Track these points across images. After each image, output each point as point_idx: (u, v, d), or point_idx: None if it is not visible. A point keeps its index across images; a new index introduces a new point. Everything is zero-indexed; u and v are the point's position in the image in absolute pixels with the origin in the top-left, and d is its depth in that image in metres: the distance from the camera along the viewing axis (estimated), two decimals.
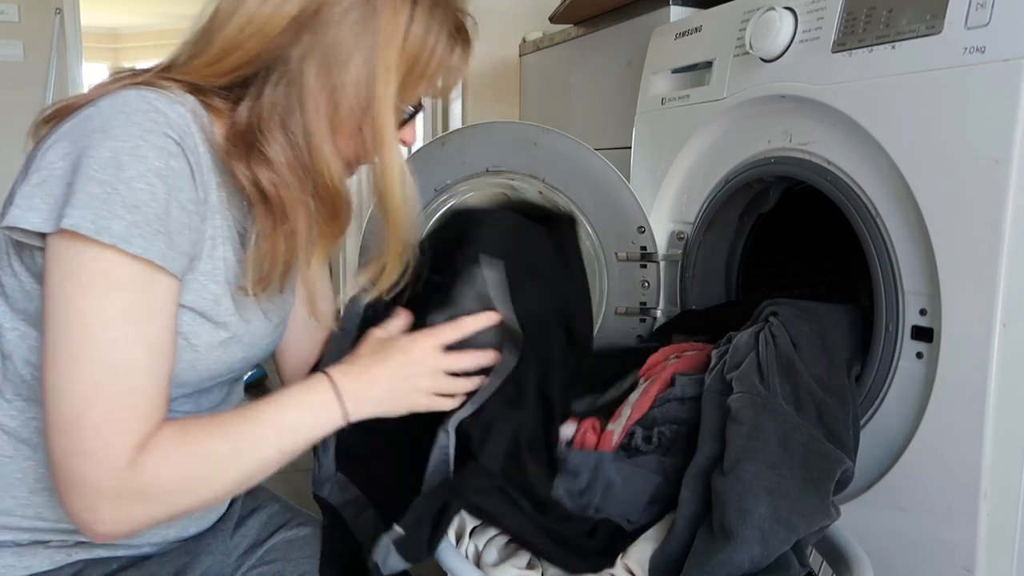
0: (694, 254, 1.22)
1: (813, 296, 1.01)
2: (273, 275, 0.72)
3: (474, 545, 0.80)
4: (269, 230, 0.70)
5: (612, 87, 1.59)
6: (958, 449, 0.82)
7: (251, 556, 0.84)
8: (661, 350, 1.01)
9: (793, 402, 0.82)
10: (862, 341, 0.95)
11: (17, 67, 3.56)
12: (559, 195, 1.21)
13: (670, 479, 0.82)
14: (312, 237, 0.72)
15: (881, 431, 0.91)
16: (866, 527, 0.88)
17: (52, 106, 0.69)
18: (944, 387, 0.83)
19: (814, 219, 1.34)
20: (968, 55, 0.79)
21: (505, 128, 1.24)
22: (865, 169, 0.92)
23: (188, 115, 0.65)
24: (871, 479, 0.91)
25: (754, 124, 1.10)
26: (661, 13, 1.40)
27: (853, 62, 0.92)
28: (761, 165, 1.08)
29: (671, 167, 1.24)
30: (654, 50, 1.32)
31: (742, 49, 1.09)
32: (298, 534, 0.87)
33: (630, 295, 1.23)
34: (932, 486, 0.85)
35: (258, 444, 0.68)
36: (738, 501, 0.72)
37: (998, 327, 0.78)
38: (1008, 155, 0.76)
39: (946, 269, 0.82)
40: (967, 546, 0.81)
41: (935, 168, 0.83)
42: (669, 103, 1.26)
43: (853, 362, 0.94)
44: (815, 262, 1.40)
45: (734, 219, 1.23)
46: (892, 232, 0.89)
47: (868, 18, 0.91)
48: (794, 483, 0.74)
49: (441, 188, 1.26)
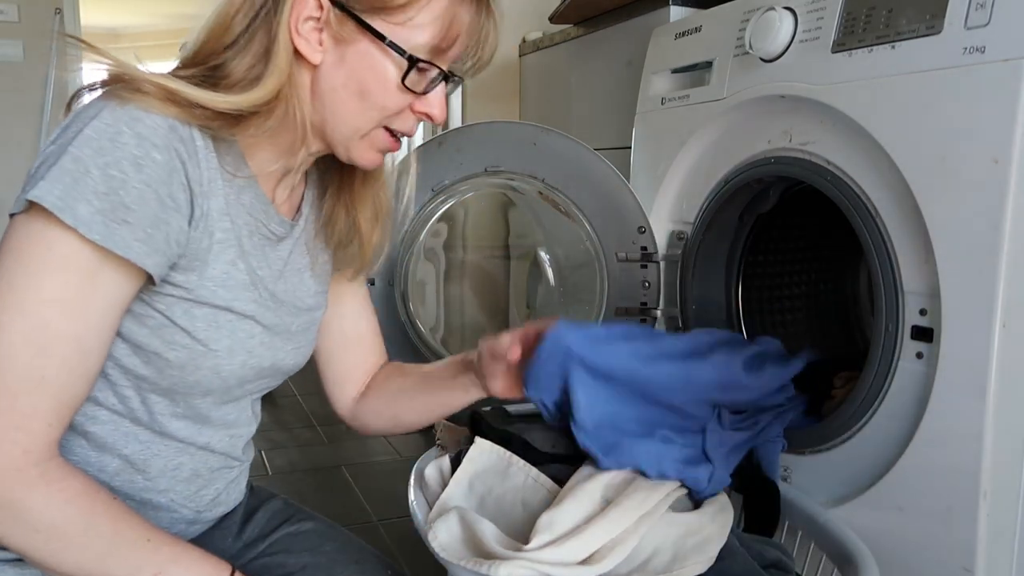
0: (694, 254, 1.22)
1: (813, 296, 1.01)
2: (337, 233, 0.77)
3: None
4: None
5: (612, 87, 1.59)
6: (958, 449, 0.82)
7: (254, 549, 0.86)
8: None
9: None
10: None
11: (17, 67, 3.56)
12: (559, 195, 1.21)
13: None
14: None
15: (881, 431, 0.91)
16: (866, 527, 0.88)
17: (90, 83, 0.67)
18: (944, 387, 0.83)
19: (814, 219, 1.34)
20: (968, 55, 0.79)
21: (504, 128, 1.24)
22: (865, 169, 0.92)
23: (185, 121, 0.64)
24: (871, 479, 0.91)
25: (754, 124, 1.10)
26: (661, 13, 1.40)
27: (853, 62, 0.92)
28: (761, 165, 1.08)
29: (671, 167, 1.24)
30: (654, 50, 1.33)
31: (742, 49, 1.09)
32: (300, 529, 0.88)
33: (630, 295, 1.23)
34: (932, 486, 0.85)
35: (129, 568, 0.63)
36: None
37: (998, 327, 0.78)
38: (1008, 155, 0.76)
39: (946, 269, 0.82)
40: (967, 546, 0.81)
41: (935, 168, 0.83)
42: (669, 103, 1.26)
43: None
44: (815, 262, 1.40)
45: (734, 219, 1.23)
46: (892, 232, 0.89)
47: (868, 18, 0.91)
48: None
49: (439, 188, 1.25)
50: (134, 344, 0.67)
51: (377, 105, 0.69)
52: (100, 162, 0.58)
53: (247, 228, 0.71)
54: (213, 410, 0.75)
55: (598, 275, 1.24)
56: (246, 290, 0.71)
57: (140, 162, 0.59)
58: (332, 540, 0.88)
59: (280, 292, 0.77)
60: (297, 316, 0.79)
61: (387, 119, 0.71)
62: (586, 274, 1.28)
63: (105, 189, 0.58)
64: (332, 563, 0.84)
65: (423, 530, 0.79)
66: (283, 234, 0.77)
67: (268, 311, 0.74)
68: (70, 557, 0.61)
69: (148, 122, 0.60)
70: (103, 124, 0.59)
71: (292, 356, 0.80)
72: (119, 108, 0.60)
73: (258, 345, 0.73)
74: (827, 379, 1.14)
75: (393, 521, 1.82)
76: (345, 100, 0.69)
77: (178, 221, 0.63)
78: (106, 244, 0.58)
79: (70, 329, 0.60)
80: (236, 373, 0.72)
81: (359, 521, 1.82)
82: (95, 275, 0.60)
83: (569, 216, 1.24)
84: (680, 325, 1.25)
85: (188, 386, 0.70)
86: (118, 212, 0.58)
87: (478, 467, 0.85)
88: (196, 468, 0.76)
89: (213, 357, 0.69)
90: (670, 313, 1.26)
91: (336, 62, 0.68)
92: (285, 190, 0.78)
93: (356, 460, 2.22)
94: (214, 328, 0.68)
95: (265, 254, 0.75)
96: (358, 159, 0.73)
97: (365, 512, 1.87)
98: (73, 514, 0.61)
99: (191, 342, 0.67)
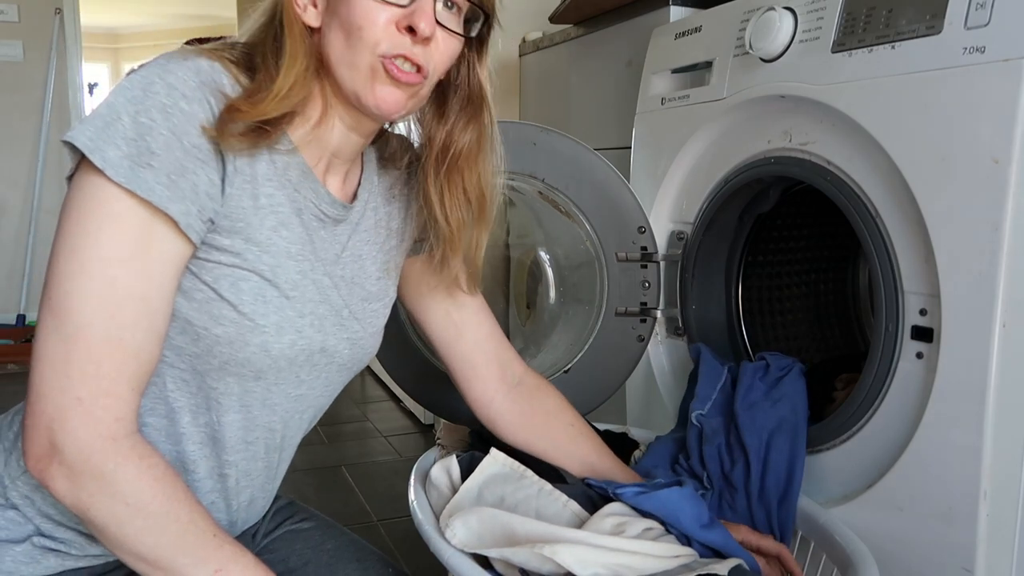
0: (694, 254, 1.22)
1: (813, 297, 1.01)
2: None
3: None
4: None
5: (612, 87, 1.59)
6: (958, 449, 0.82)
7: (257, 544, 0.87)
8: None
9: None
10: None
11: (17, 67, 3.57)
12: (559, 195, 1.21)
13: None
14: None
15: (881, 431, 0.91)
16: (866, 527, 0.88)
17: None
18: (944, 387, 0.83)
19: (814, 219, 1.34)
20: (968, 55, 0.79)
21: (504, 128, 1.23)
22: (865, 169, 0.92)
23: (226, 75, 0.66)
24: (871, 479, 0.91)
25: (754, 124, 1.10)
26: (661, 13, 1.40)
27: (853, 62, 0.92)
28: (761, 165, 1.08)
29: (671, 167, 1.24)
30: (654, 50, 1.32)
31: (742, 49, 1.09)
32: (302, 527, 0.89)
33: (630, 295, 1.23)
34: (932, 486, 0.85)
35: (195, 559, 0.63)
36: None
37: (998, 327, 0.78)
38: (1008, 155, 0.76)
39: (946, 269, 0.82)
40: (967, 546, 0.81)
41: (935, 168, 0.83)
42: (669, 103, 1.26)
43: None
44: (815, 262, 1.40)
45: (734, 219, 1.23)
46: (892, 232, 0.89)
47: (868, 18, 0.91)
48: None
49: None
50: (183, 321, 0.67)
51: (356, 28, 0.67)
52: (131, 110, 0.60)
53: (295, 204, 0.72)
54: (266, 399, 0.74)
55: (598, 275, 1.24)
56: (292, 259, 0.71)
57: (168, 111, 0.61)
58: (333, 538, 0.88)
59: (335, 275, 0.77)
60: (352, 303, 0.79)
61: (376, 43, 0.67)
62: (586, 274, 1.28)
63: (133, 135, 0.60)
64: (334, 561, 0.85)
65: (423, 530, 0.79)
66: (338, 216, 0.77)
67: (317, 289, 0.74)
68: (149, 538, 0.62)
69: (180, 73, 0.63)
70: (139, 76, 0.62)
71: (348, 347, 0.79)
72: (159, 61, 0.63)
73: (308, 326, 0.73)
74: (828, 381, 1.14)
75: (393, 521, 1.83)
76: (339, 39, 0.69)
77: (206, 172, 0.64)
78: (130, 186, 0.60)
79: (136, 287, 0.61)
80: (285, 353, 0.72)
81: (359, 521, 1.82)
82: (148, 232, 0.61)
83: (569, 216, 1.24)
84: (680, 325, 1.25)
85: (239, 364, 0.70)
86: (143, 157, 0.60)
87: (488, 476, 0.85)
88: (246, 469, 0.77)
89: (261, 333, 0.69)
90: (670, 313, 1.26)
91: (328, 13, 0.69)
92: (338, 176, 0.78)
93: (356, 460, 2.23)
94: (261, 303, 0.69)
95: (320, 235, 0.75)
96: (372, 102, 0.70)
97: (365, 512, 1.88)
98: (160, 493, 0.62)
99: (237, 316, 0.68)
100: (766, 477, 0.93)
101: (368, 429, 2.50)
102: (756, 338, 1.30)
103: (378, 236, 0.83)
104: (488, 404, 0.92)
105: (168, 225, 0.62)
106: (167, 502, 0.62)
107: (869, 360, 0.93)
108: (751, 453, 0.94)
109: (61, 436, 0.59)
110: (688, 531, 0.79)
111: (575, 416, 0.95)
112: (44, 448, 0.60)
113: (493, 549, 0.71)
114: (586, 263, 1.27)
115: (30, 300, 3.67)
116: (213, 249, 0.66)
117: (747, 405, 0.98)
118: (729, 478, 0.95)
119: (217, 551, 0.64)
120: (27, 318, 3.62)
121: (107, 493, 0.60)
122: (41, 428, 0.60)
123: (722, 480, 0.95)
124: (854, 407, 0.94)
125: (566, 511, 0.82)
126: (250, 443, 0.76)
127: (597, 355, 1.23)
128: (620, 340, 1.23)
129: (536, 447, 0.91)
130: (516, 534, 0.73)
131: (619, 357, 1.23)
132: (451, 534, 0.74)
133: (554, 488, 0.84)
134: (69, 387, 0.59)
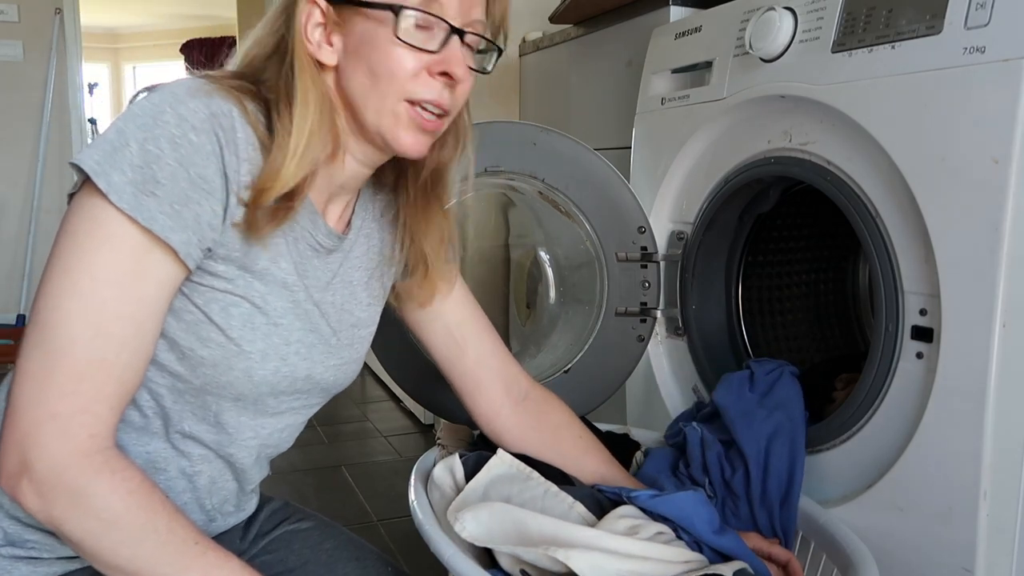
0: (694, 254, 1.22)
1: (813, 296, 1.01)
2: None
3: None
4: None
5: (612, 87, 1.59)
6: (958, 449, 0.82)
7: (256, 545, 0.86)
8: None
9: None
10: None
11: (17, 67, 3.57)
12: (559, 195, 1.21)
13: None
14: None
15: (881, 431, 0.91)
16: (866, 527, 0.88)
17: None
18: (944, 387, 0.83)
19: (814, 219, 1.34)
20: (968, 55, 0.79)
21: (504, 128, 1.23)
22: (865, 169, 0.92)
23: (240, 115, 0.65)
24: (871, 479, 0.91)
25: (754, 124, 1.10)
26: (661, 13, 1.40)
27: (853, 62, 0.92)
28: (761, 165, 1.08)
29: (671, 167, 1.24)
30: (654, 50, 1.32)
31: (742, 49, 1.09)
32: (300, 527, 0.89)
33: (630, 295, 1.23)
34: (932, 486, 0.85)
35: (177, 568, 0.62)
36: None
37: (998, 327, 0.78)
38: (1008, 155, 0.76)
39: (946, 269, 0.82)
40: (967, 546, 0.81)
41: (935, 168, 0.83)
42: (669, 103, 1.26)
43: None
44: (815, 262, 1.40)
45: (734, 219, 1.23)
46: (892, 232, 0.89)
47: (868, 18, 0.91)
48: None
49: None
50: (170, 339, 0.67)
51: (386, 73, 0.68)
52: (140, 137, 0.60)
53: (291, 234, 0.71)
54: (243, 417, 0.74)
55: (598, 275, 1.24)
56: (284, 288, 0.71)
57: (177, 141, 0.61)
58: (332, 538, 0.88)
59: (325, 303, 0.77)
60: (340, 330, 0.79)
61: (405, 88, 0.69)
62: (586, 274, 1.28)
63: (140, 162, 0.60)
64: (332, 560, 0.85)
65: (423, 530, 0.79)
66: (332, 246, 0.77)
67: (306, 318, 0.74)
68: (126, 550, 0.61)
69: (191, 105, 0.62)
70: (150, 103, 0.62)
71: (332, 372, 0.79)
72: (171, 88, 0.63)
73: (293, 354, 0.73)
74: (828, 381, 1.14)
75: (393, 521, 1.83)
76: (363, 83, 0.69)
77: (210, 204, 0.63)
78: (132, 213, 0.60)
79: (126, 309, 0.61)
80: (268, 380, 0.72)
81: (359, 521, 1.82)
82: (143, 256, 0.61)
83: (569, 216, 1.24)
84: (680, 325, 1.25)
85: (220, 386, 0.70)
86: (148, 185, 0.60)
87: (495, 475, 0.85)
88: (213, 476, 0.77)
89: (246, 359, 0.69)
90: (670, 313, 1.26)
91: (348, 54, 0.69)
92: (338, 205, 0.78)
93: (356, 460, 2.23)
94: (249, 329, 0.69)
95: (312, 263, 0.75)
96: (396, 144, 0.71)
97: (365, 512, 1.87)
98: (134, 505, 0.61)
99: (224, 340, 0.68)
100: (767, 482, 0.93)
101: (368, 429, 2.50)
102: (756, 338, 1.30)
103: (369, 262, 0.83)
104: (494, 419, 0.92)
105: (166, 252, 0.62)
106: (142, 514, 0.61)
107: (869, 360, 0.93)
108: (750, 461, 0.94)
109: (34, 452, 0.58)
110: (702, 536, 0.79)
111: (583, 428, 0.96)
112: (15, 465, 0.59)
113: (503, 545, 0.71)
114: (586, 263, 1.27)
115: (30, 300, 3.66)
116: (207, 274, 0.66)
117: (740, 413, 0.98)
118: (730, 485, 0.95)
119: (199, 558, 0.63)
120: (27, 318, 3.62)
121: (80, 509, 0.59)
122: (13, 443, 0.59)
123: (724, 487, 0.95)
124: (854, 407, 0.94)
125: (572, 513, 0.82)
126: (221, 456, 0.76)
127: (597, 355, 1.23)
128: (620, 340, 1.24)
129: (545, 460, 0.91)
130: (528, 530, 0.72)
131: (619, 357, 1.23)
132: (460, 527, 0.74)
133: (560, 490, 0.84)
134: (46, 403, 0.59)
